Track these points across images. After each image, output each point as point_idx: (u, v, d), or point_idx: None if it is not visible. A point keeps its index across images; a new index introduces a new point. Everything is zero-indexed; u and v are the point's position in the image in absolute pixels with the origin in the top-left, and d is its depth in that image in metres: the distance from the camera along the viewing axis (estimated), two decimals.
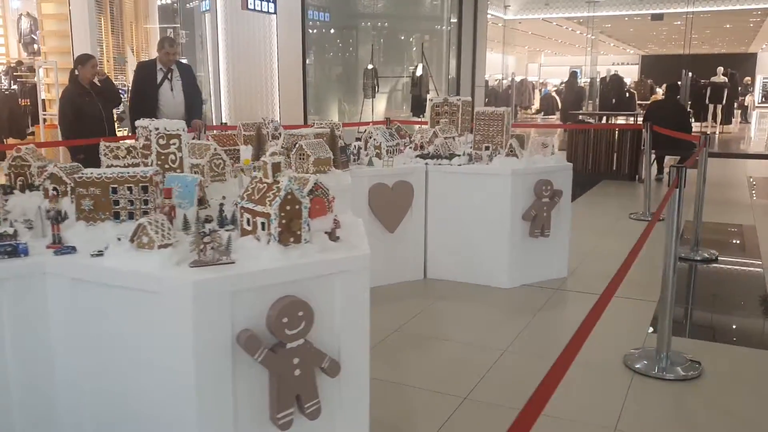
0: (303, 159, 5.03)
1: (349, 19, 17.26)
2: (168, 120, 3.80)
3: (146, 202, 3.14)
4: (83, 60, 7.81)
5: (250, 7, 12.67)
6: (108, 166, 3.80)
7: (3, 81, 14.00)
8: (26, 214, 3.25)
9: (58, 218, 2.99)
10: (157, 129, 3.74)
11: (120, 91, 10.03)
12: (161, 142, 3.75)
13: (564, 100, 27.86)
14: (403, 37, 18.22)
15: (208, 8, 13.39)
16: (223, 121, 12.87)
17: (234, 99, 13.24)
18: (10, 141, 12.75)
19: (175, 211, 3.08)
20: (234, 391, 2.65)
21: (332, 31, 16.88)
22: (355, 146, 6.35)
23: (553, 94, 33.64)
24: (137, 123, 3.80)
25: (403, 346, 4.91)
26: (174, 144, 3.77)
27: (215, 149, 4.35)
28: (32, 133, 13.15)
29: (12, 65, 14.03)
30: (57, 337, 2.82)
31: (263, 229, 2.81)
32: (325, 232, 3.14)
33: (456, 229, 6.31)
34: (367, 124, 7.58)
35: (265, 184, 2.88)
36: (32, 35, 13.99)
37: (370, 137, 6.35)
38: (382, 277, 6.07)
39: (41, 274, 2.77)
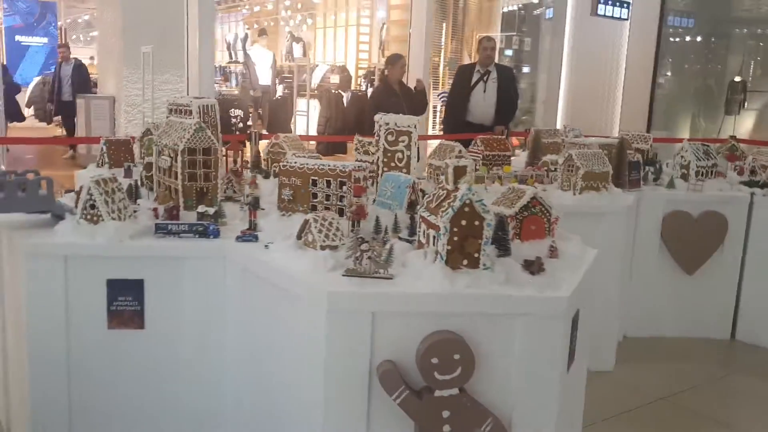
0: (571, 171, 4.31)
1: (718, 26, 15.14)
2: (401, 116, 3.51)
3: (342, 198, 2.89)
4: (393, 60, 8.05)
5: (600, 13, 11.91)
6: (356, 161, 3.67)
7: (362, 84, 15.56)
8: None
9: (255, 205, 2.91)
10: (387, 124, 3.48)
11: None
12: (389, 138, 3.47)
13: None
14: None
15: (552, 15, 13.00)
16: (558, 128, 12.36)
17: (571, 106, 12.62)
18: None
19: (364, 212, 2.76)
20: (368, 427, 2.22)
21: (697, 38, 15.01)
22: (662, 164, 5.33)
23: None
24: (375, 117, 3.58)
25: (664, 422, 3.88)
26: (403, 141, 3.46)
27: (460, 151, 3.93)
28: None
29: (371, 69, 15.51)
30: (231, 318, 2.73)
31: (434, 244, 2.32)
32: (526, 261, 2.51)
33: None
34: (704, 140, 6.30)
35: (445, 191, 2.38)
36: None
37: (679, 154, 5.25)
38: (670, 326, 4.99)
39: (221, 258, 2.70)
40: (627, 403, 4.02)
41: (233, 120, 14.10)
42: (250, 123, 14.99)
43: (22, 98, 14.41)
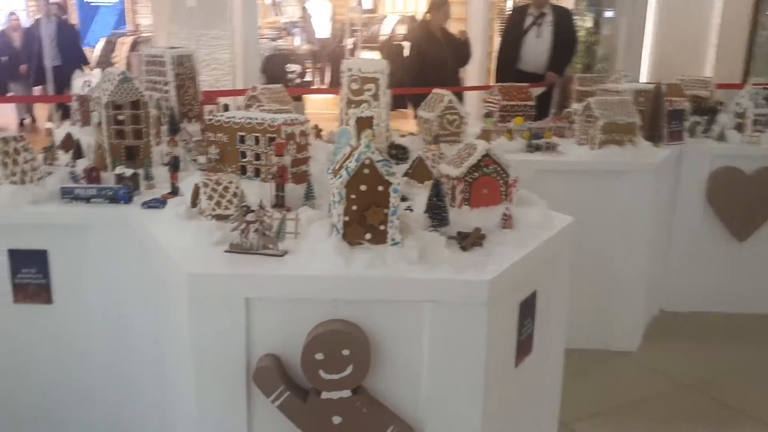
0: (590, 122, 3.72)
1: None
2: (367, 59, 3.05)
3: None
4: (438, 4, 7.43)
5: None
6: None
7: None
8: None
9: (176, 165, 2.57)
10: (349, 70, 3.03)
11: None
12: (353, 86, 3.03)
13: None
14: None
15: None
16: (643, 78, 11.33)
17: (658, 53, 11.54)
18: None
19: (287, 174, 2.36)
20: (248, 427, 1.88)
21: None
22: (718, 113, 4.60)
23: None
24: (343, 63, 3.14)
25: (682, 414, 3.33)
26: (369, 90, 3.01)
27: (450, 101, 3.43)
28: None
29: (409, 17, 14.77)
30: (134, 293, 2.43)
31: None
32: (459, 233, 2.05)
33: None
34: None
35: (349, 150, 1.95)
36: None
37: (735, 101, 4.50)
38: (714, 300, 4.34)
39: (126, 227, 2.38)
40: (643, 390, 3.49)
41: (289, 75, 13.82)
42: (309, 78, 14.71)
43: None
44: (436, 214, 2.12)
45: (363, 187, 1.82)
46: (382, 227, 1.86)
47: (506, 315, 1.99)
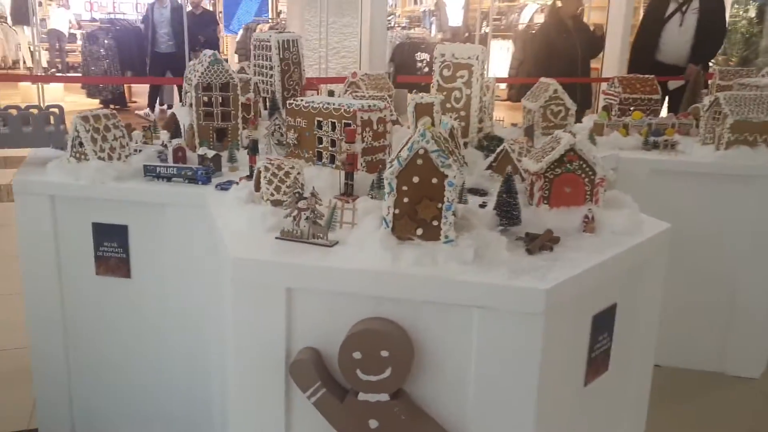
0: (717, 119, 3.31)
1: None
2: (462, 45, 2.88)
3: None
4: None
5: None
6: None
7: None
8: None
9: (255, 149, 2.55)
10: (442, 55, 2.88)
11: None
12: (445, 73, 2.88)
13: None
14: None
15: None
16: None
17: None
18: None
19: (357, 162, 2.26)
20: (287, 429, 1.81)
21: None
22: None
23: None
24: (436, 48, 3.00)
25: None
26: (462, 77, 2.85)
27: (555, 91, 3.18)
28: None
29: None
30: (207, 274, 2.44)
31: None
32: (528, 235, 1.87)
33: None
34: None
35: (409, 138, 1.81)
36: None
37: None
38: None
39: (201, 207, 2.39)
40: (763, 422, 3.08)
41: (419, 64, 13.78)
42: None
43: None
44: (506, 212, 1.94)
45: (416, 179, 1.69)
46: (435, 223, 1.71)
47: (573, 328, 1.78)
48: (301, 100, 2.55)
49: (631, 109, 3.97)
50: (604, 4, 10.79)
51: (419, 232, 1.72)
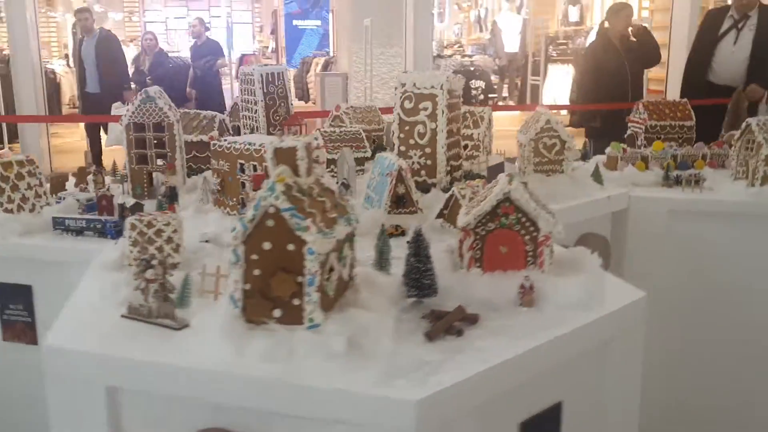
0: (749, 149, 2.76)
1: None
2: (424, 73, 2.49)
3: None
4: (616, 9, 6.46)
5: None
6: None
7: None
8: None
9: (172, 197, 2.24)
10: (403, 85, 2.49)
11: None
12: (407, 105, 2.48)
13: None
14: None
15: None
16: None
17: None
18: None
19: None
20: None
21: None
22: None
23: None
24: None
25: None
26: (425, 109, 2.45)
27: (548, 121, 2.72)
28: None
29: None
30: None
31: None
32: (434, 312, 1.45)
33: None
34: None
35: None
36: None
37: None
38: None
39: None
40: None
41: (473, 92, 13.40)
42: (494, 95, 14.15)
43: None
44: (415, 281, 1.52)
45: (267, 246, 1.30)
46: (296, 302, 1.32)
47: None
48: (225, 140, 2.23)
49: (660, 138, 3.44)
50: (666, 23, 10.10)
51: (276, 313, 1.33)
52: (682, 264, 2.78)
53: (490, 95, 13.49)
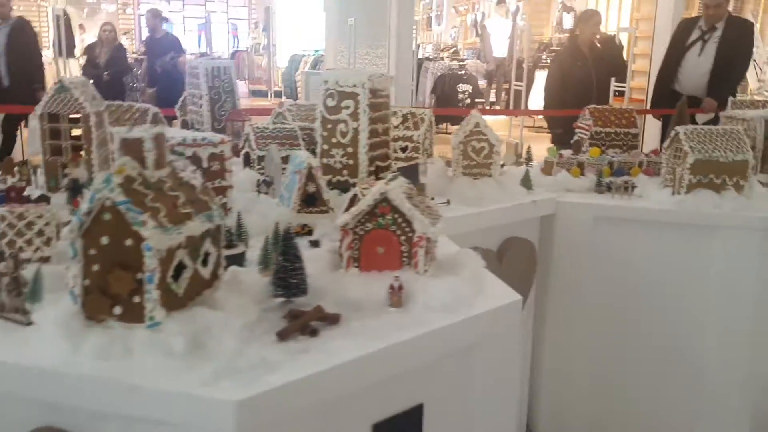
0: (677, 157, 2.74)
1: None
2: (346, 71, 2.46)
3: None
4: (586, 17, 6.45)
5: None
6: None
7: None
8: None
9: (74, 189, 2.20)
10: (325, 82, 2.47)
11: None
12: (329, 103, 2.45)
13: None
14: None
15: None
16: None
17: None
18: None
19: None
20: None
21: None
22: None
23: None
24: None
25: None
26: (347, 107, 2.42)
27: (477, 124, 2.69)
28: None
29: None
30: None
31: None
32: (291, 312, 1.42)
33: None
34: None
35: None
36: None
37: None
38: None
39: None
40: None
41: (460, 96, 13.38)
42: (481, 99, 14.12)
43: None
44: (281, 280, 1.49)
45: (104, 240, 1.27)
46: (136, 299, 1.29)
47: None
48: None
49: (605, 144, 3.42)
50: (650, 33, 10.10)
51: (116, 311, 1.30)
52: (606, 270, 2.77)
53: (476, 99, 13.46)
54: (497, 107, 14.07)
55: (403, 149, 3.04)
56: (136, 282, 1.27)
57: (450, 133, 9.65)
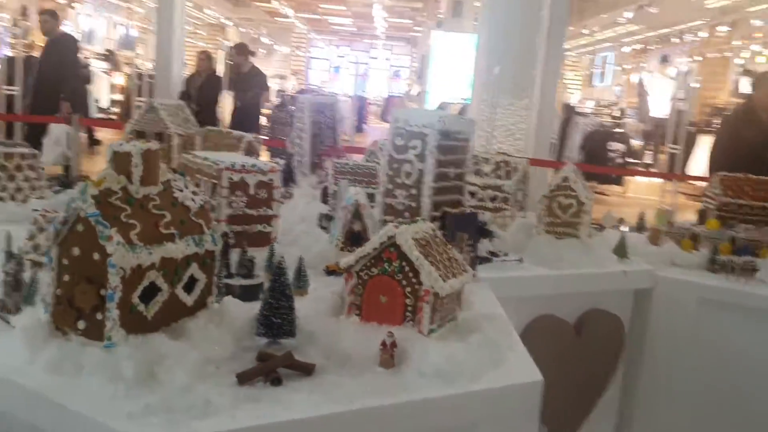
0: None
1: None
2: (419, 110, 2.33)
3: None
4: (766, 78, 5.81)
5: None
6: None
7: None
8: None
9: None
10: (396, 121, 2.36)
11: None
12: (398, 142, 2.33)
13: None
14: None
15: None
16: None
17: None
18: None
19: None
20: None
21: None
22: None
23: None
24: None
25: None
26: (414, 148, 2.29)
27: (565, 179, 2.44)
28: None
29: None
30: None
31: None
32: (261, 354, 1.30)
33: None
34: None
35: None
36: None
37: None
38: None
39: None
40: None
41: (611, 154, 12.78)
42: (635, 160, 13.38)
43: None
44: (264, 318, 1.37)
45: (76, 251, 1.24)
46: (99, 316, 1.23)
47: None
48: (195, 155, 2.21)
49: (735, 218, 3.00)
50: None
51: (81, 325, 1.25)
52: (708, 360, 2.38)
53: (628, 159, 12.76)
54: (653, 170, 13.24)
55: (492, 199, 2.85)
56: (99, 298, 1.22)
57: (598, 192, 9.13)
